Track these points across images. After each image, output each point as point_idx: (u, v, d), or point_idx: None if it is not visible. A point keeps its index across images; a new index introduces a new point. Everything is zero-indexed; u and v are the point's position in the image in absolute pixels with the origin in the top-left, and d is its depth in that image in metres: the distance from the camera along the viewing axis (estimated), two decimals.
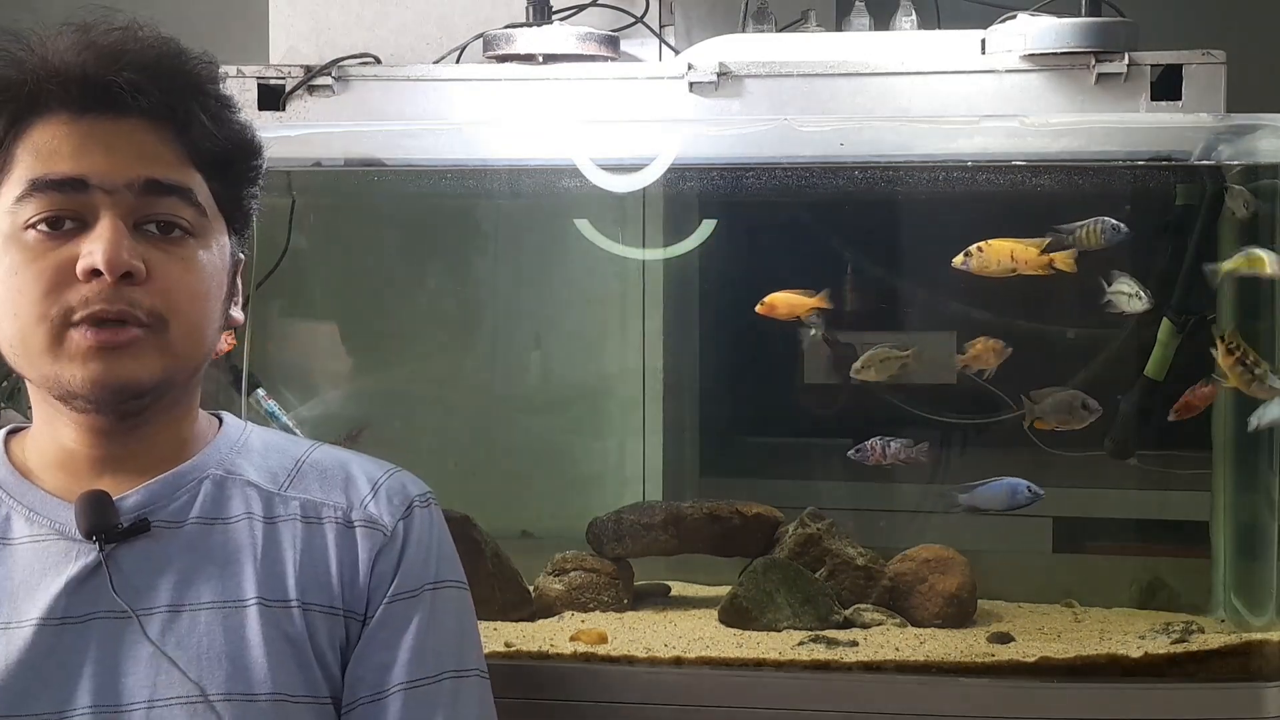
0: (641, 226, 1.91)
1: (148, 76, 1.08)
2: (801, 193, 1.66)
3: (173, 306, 1.08)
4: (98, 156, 1.07)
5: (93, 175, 1.06)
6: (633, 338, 1.97)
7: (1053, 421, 1.68)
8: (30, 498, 1.12)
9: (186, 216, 1.10)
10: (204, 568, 1.10)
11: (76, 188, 1.06)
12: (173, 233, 1.09)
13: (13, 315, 1.07)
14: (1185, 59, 1.56)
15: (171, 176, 1.09)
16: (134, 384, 1.08)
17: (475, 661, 1.17)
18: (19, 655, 1.05)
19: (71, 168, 1.06)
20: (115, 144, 1.08)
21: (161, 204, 1.08)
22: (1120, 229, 1.60)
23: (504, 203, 1.90)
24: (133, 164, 1.07)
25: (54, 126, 1.07)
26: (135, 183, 1.07)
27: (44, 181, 1.06)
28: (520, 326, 2.03)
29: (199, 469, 1.15)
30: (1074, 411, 1.66)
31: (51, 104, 1.07)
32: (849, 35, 1.74)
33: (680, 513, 1.73)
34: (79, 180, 1.06)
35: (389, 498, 1.18)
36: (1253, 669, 1.46)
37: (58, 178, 1.06)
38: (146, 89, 1.08)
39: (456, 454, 1.96)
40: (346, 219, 1.97)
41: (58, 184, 1.06)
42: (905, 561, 1.66)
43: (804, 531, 1.68)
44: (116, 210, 1.06)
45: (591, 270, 1.97)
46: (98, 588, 1.07)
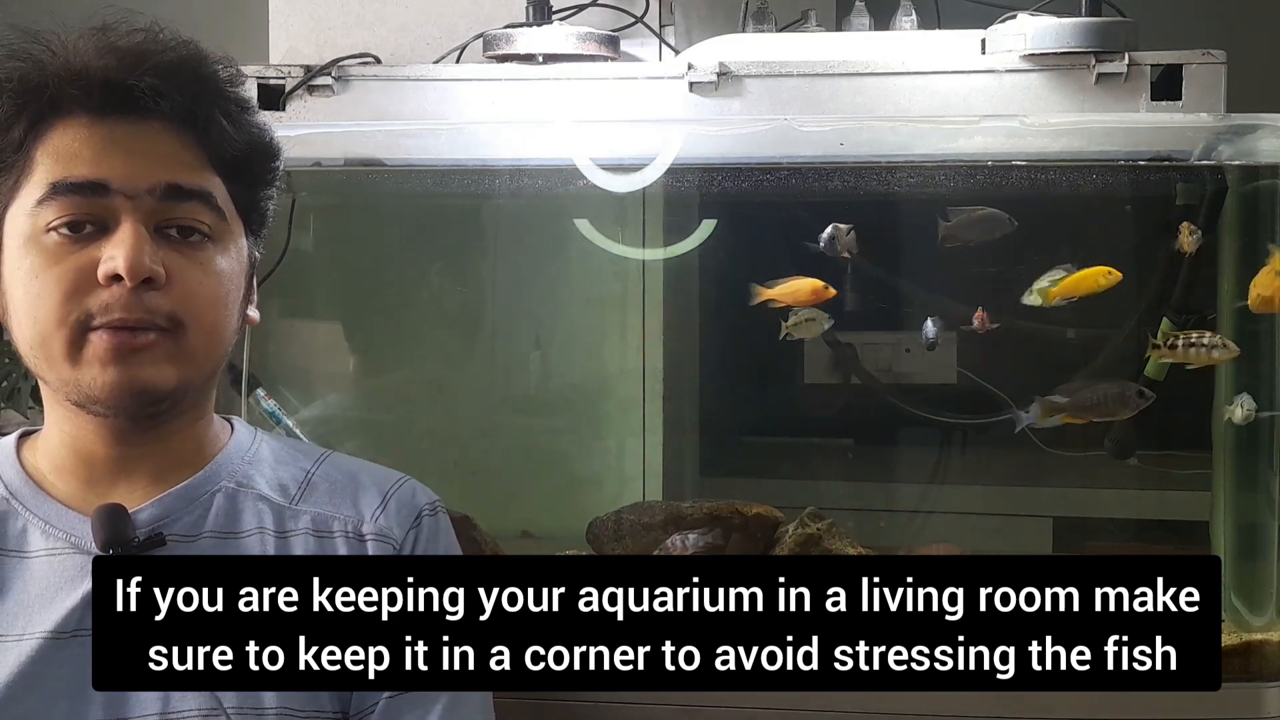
0: (641, 226, 1.91)
1: (169, 80, 1.08)
2: (801, 193, 1.66)
3: (192, 311, 1.08)
4: (119, 160, 1.07)
5: (114, 179, 1.06)
6: (633, 338, 1.97)
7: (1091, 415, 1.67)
8: (46, 510, 1.12)
9: (206, 221, 1.10)
10: None
11: (97, 191, 1.06)
12: (192, 236, 1.09)
13: (32, 319, 1.06)
14: (1185, 59, 1.56)
15: (192, 181, 1.09)
16: (152, 389, 1.08)
17: None
18: (32, 668, 1.05)
19: (93, 171, 1.06)
20: (136, 148, 1.07)
21: (182, 209, 1.08)
22: (1002, 219, 1.60)
23: (504, 202, 1.90)
24: (154, 169, 1.07)
25: (75, 129, 1.07)
26: (157, 188, 1.07)
27: (65, 185, 1.06)
28: (520, 326, 2.03)
29: (212, 480, 1.15)
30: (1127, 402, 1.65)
31: (72, 106, 1.07)
32: (849, 35, 1.74)
33: (680, 513, 1.73)
34: (100, 184, 1.06)
35: (398, 509, 1.18)
36: (1253, 669, 1.46)
37: (79, 181, 1.06)
38: (168, 93, 1.08)
39: (456, 454, 1.96)
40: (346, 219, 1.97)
41: (79, 187, 1.06)
42: None
43: (804, 531, 1.68)
44: (137, 215, 1.06)
45: (591, 270, 1.97)
46: None
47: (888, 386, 2.00)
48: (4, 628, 1.07)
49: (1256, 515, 1.61)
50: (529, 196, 1.78)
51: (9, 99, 1.07)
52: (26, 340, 1.08)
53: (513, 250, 2.01)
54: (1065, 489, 1.94)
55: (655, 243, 1.93)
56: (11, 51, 1.08)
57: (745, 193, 1.69)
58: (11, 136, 1.07)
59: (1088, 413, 1.67)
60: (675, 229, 1.90)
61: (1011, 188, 1.61)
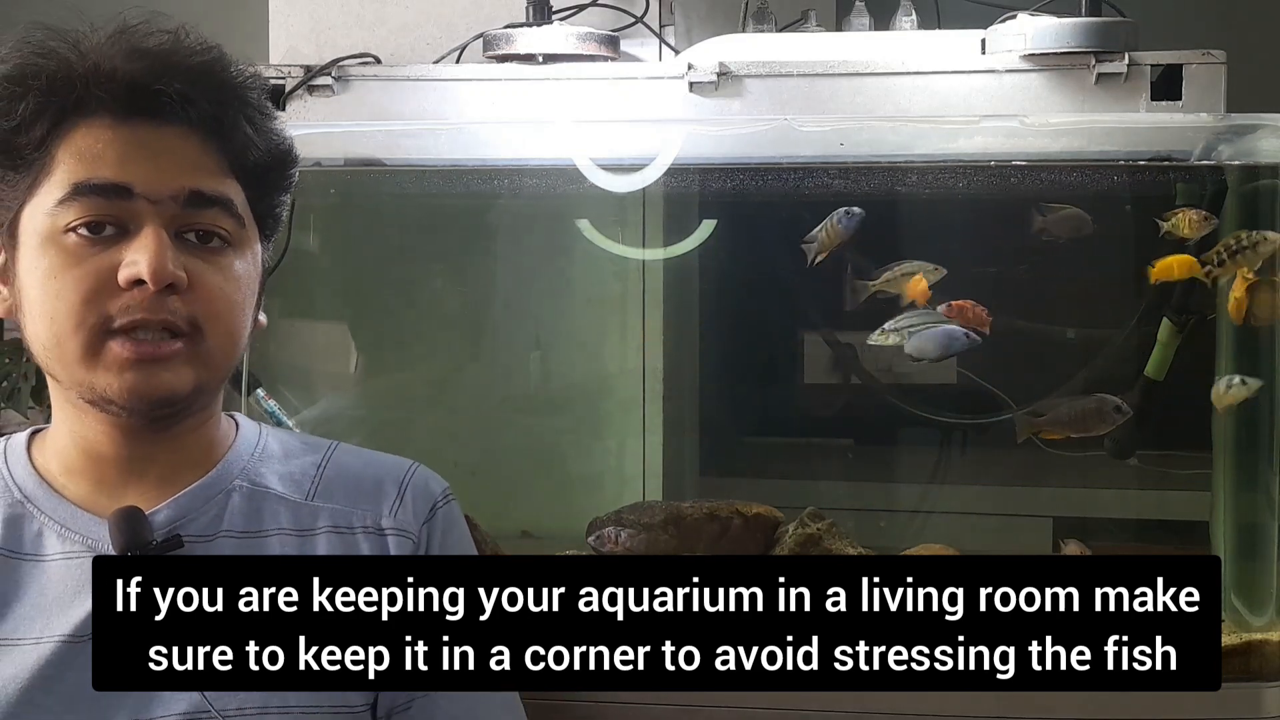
0: (641, 226, 1.91)
1: (196, 86, 1.08)
2: (801, 193, 1.66)
3: (211, 316, 1.08)
4: (143, 164, 1.06)
5: (138, 184, 1.06)
6: (633, 338, 1.97)
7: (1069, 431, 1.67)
8: (61, 513, 1.11)
9: (226, 227, 1.10)
10: None
11: (120, 194, 1.05)
12: (211, 242, 1.09)
13: (49, 319, 1.06)
14: (1185, 59, 1.56)
15: (214, 188, 1.09)
16: (169, 395, 1.08)
17: None
18: (51, 671, 1.05)
19: (116, 174, 1.06)
20: (160, 152, 1.07)
21: (204, 215, 1.08)
22: (854, 213, 1.60)
23: (504, 203, 1.90)
24: (177, 174, 1.07)
25: (98, 130, 1.07)
26: (180, 194, 1.07)
27: (87, 186, 1.05)
28: (520, 327, 2.03)
29: (224, 479, 1.15)
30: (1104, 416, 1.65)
31: (97, 108, 1.07)
32: (849, 35, 1.74)
33: (680, 513, 1.73)
34: (124, 187, 1.05)
35: (414, 500, 1.19)
36: (1253, 669, 1.46)
37: (102, 183, 1.05)
38: (194, 98, 1.08)
39: (456, 454, 1.96)
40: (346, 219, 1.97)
41: (102, 189, 1.05)
42: None
43: (804, 531, 1.68)
44: (160, 220, 1.06)
45: (591, 270, 1.97)
46: None
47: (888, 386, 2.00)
48: (22, 631, 1.07)
49: (1256, 515, 1.61)
50: (529, 196, 1.78)
51: (34, 97, 1.06)
52: (41, 340, 1.07)
53: (513, 250, 2.01)
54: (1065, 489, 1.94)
55: (655, 243, 1.93)
56: (38, 49, 1.07)
57: (745, 193, 1.69)
58: (33, 134, 1.07)
59: (1065, 428, 1.67)
60: (675, 229, 1.91)
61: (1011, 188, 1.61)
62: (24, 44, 1.08)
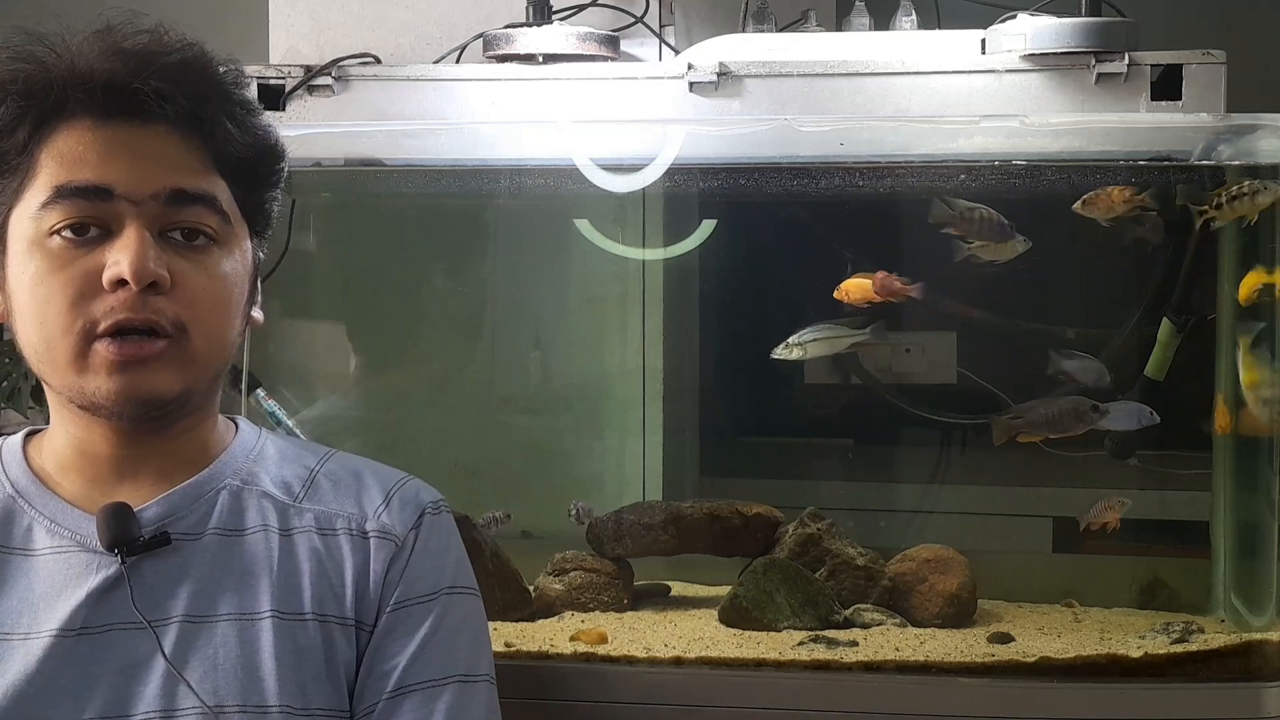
0: (641, 226, 1.91)
1: (175, 84, 1.08)
2: (801, 192, 1.66)
3: (196, 315, 1.08)
4: (123, 165, 1.06)
5: (119, 184, 1.06)
6: (633, 338, 1.97)
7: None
8: (51, 508, 1.12)
9: (211, 224, 1.10)
10: (221, 580, 1.10)
11: (102, 196, 1.06)
12: (196, 240, 1.09)
13: (38, 323, 1.06)
14: (1185, 59, 1.56)
15: (197, 185, 1.09)
16: (157, 397, 1.08)
17: (485, 668, 1.17)
18: (38, 665, 1.05)
19: (97, 175, 1.06)
20: (141, 152, 1.07)
21: (187, 213, 1.08)
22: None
23: (504, 202, 1.90)
24: (159, 173, 1.07)
25: (79, 132, 1.07)
26: (161, 192, 1.07)
27: (69, 189, 1.05)
28: (520, 327, 2.03)
29: (216, 478, 1.15)
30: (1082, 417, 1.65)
31: (76, 109, 1.07)
32: (849, 35, 1.74)
33: (680, 513, 1.73)
34: (104, 188, 1.06)
35: (401, 506, 1.18)
36: (1253, 669, 1.45)
37: (82, 185, 1.05)
38: (173, 96, 1.07)
39: (456, 454, 1.96)
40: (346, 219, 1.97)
41: (83, 191, 1.05)
42: (905, 561, 1.66)
43: (804, 531, 1.68)
44: (142, 219, 1.06)
45: (591, 270, 1.97)
46: (118, 600, 1.07)
47: (888, 386, 2.00)
48: (10, 626, 1.07)
49: (1256, 515, 1.61)
50: (529, 196, 1.78)
51: (13, 101, 1.07)
52: (32, 344, 1.08)
53: (513, 250, 2.01)
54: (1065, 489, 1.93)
55: (655, 243, 1.93)
56: (16, 54, 1.08)
57: (745, 193, 1.69)
58: (16, 139, 1.07)
59: (1043, 429, 1.67)
60: (675, 229, 1.91)
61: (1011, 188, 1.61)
62: (1, 50, 1.08)
